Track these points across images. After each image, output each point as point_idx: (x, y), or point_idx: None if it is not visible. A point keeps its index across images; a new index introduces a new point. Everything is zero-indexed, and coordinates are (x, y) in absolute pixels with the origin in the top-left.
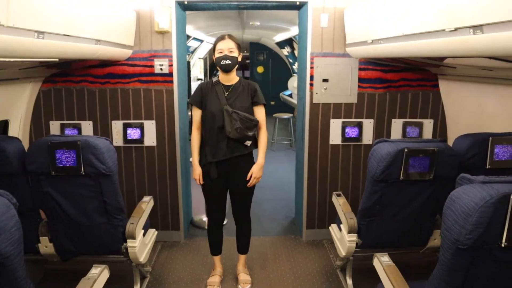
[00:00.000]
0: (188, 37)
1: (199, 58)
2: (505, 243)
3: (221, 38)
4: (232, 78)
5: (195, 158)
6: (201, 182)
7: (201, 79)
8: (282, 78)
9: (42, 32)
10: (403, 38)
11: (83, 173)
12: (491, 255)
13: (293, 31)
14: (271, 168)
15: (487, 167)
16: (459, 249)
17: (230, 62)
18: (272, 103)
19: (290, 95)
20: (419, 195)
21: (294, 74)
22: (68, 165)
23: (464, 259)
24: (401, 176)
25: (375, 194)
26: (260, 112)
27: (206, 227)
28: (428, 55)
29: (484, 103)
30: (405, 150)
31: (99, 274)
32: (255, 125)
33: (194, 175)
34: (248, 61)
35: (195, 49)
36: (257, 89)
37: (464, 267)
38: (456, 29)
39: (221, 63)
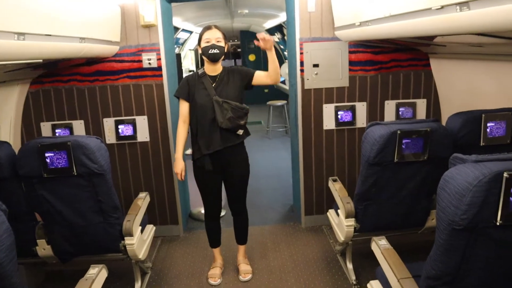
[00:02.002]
0: (177, 29)
1: (190, 50)
2: (500, 222)
3: (208, 28)
4: (218, 68)
5: (178, 152)
6: (182, 178)
7: (193, 71)
8: None
9: (23, 34)
10: (391, 18)
11: (75, 174)
12: (487, 234)
13: (283, 17)
14: (267, 157)
15: (481, 145)
16: (455, 229)
17: (218, 51)
18: (266, 90)
19: (284, 82)
20: (414, 176)
21: (286, 61)
22: (59, 166)
23: (460, 239)
24: (395, 158)
25: (370, 177)
26: (258, 72)
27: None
28: (416, 35)
29: (476, 80)
30: (398, 132)
31: (97, 274)
32: (245, 113)
33: (176, 169)
34: (239, 50)
35: (185, 40)
36: (242, 70)
37: (460, 247)
38: (442, 7)
39: (209, 52)
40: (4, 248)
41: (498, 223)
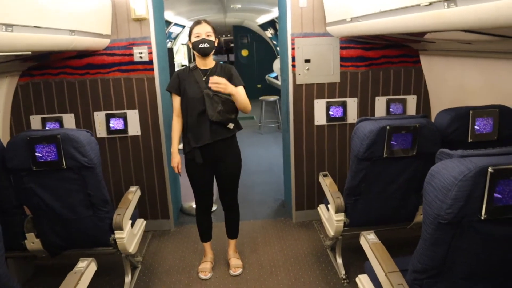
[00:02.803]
0: (169, 23)
1: (183, 44)
2: (485, 216)
3: (198, 22)
4: (209, 63)
5: (174, 146)
6: (180, 171)
7: (185, 65)
8: (267, 61)
9: (11, 25)
10: (381, 14)
11: (65, 167)
12: (472, 228)
13: (275, 13)
14: (259, 152)
15: (468, 141)
16: (440, 223)
17: (208, 45)
18: (259, 86)
19: (276, 77)
20: (403, 172)
21: (278, 56)
22: (49, 159)
23: (445, 233)
24: (384, 154)
25: (359, 172)
26: (241, 90)
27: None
28: (406, 31)
29: (465, 76)
30: (387, 127)
31: (86, 268)
32: (236, 107)
33: (173, 163)
34: (232, 45)
35: (178, 35)
36: (233, 72)
37: (446, 241)
38: (430, 3)
39: (199, 46)
40: None
41: (482, 218)
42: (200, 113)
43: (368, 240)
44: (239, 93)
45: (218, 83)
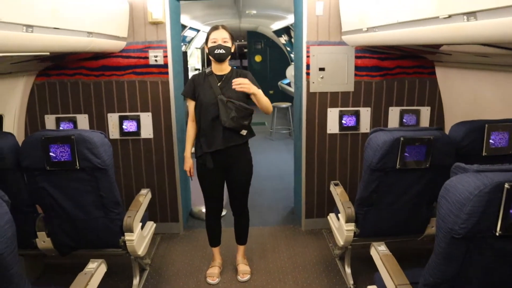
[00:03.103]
0: (185, 27)
1: (197, 48)
2: (500, 232)
3: (215, 28)
4: (224, 68)
5: (187, 150)
6: (192, 175)
7: (199, 69)
8: (280, 67)
9: (31, 26)
10: (398, 25)
11: (78, 168)
12: (486, 244)
13: (290, 19)
14: (270, 158)
15: (483, 154)
16: (454, 238)
17: (224, 51)
18: (271, 92)
19: (289, 84)
20: (416, 184)
21: (292, 63)
22: (62, 159)
23: (459, 248)
24: (397, 165)
25: (372, 183)
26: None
27: (205, 218)
28: (423, 43)
29: (480, 89)
30: (401, 139)
31: (96, 269)
32: (250, 113)
33: (185, 167)
34: (246, 50)
35: (192, 39)
36: (249, 78)
37: (459, 256)
38: (450, 16)
39: (215, 52)
40: (5, 239)
41: (497, 234)
42: (214, 119)
43: (379, 251)
44: (261, 94)
45: (242, 84)
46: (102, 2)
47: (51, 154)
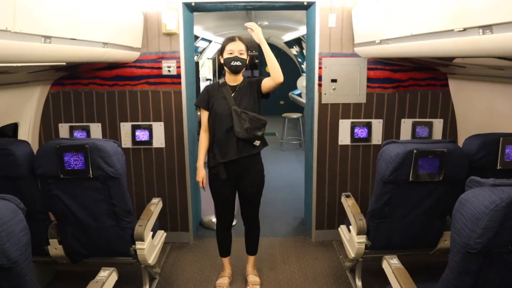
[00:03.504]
0: (197, 37)
1: (208, 58)
2: None
3: (232, 39)
4: (238, 79)
5: (200, 161)
6: (204, 186)
7: (210, 79)
8: (291, 78)
9: (49, 37)
10: (412, 38)
11: (91, 176)
12: (502, 259)
13: (302, 31)
14: (280, 168)
15: (498, 168)
16: (469, 253)
17: (240, 63)
18: (281, 102)
19: (299, 95)
20: (428, 197)
21: (303, 74)
22: (76, 168)
23: (473, 263)
24: (410, 178)
25: (384, 195)
26: (266, 78)
27: (215, 228)
28: (437, 55)
29: (494, 102)
30: (414, 151)
31: (107, 277)
32: (263, 124)
33: (198, 177)
34: (257, 61)
35: (204, 49)
36: (255, 79)
37: (473, 271)
38: (465, 29)
39: (231, 64)
40: (20, 246)
41: None
42: (228, 129)
43: (391, 265)
44: (267, 47)
45: (253, 27)
46: (117, 13)
47: (65, 162)
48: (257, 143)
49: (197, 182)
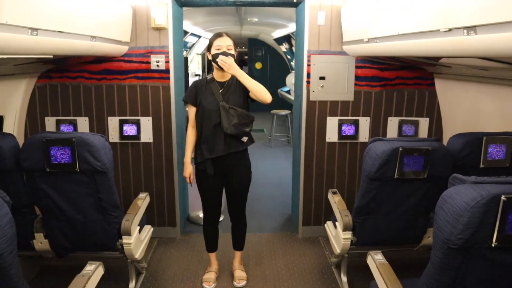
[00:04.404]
0: (186, 32)
1: (197, 54)
2: (496, 243)
3: (219, 35)
4: (226, 75)
5: (187, 156)
6: (191, 182)
7: (199, 75)
8: (280, 75)
9: (36, 29)
10: (399, 37)
11: (78, 170)
12: (482, 254)
13: (291, 28)
14: (268, 165)
15: (480, 166)
16: (450, 248)
17: None
18: None
19: (288, 92)
20: (413, 194)
21: (292, 71)
22: (63, 162)
23: (455, 258)
24: (395, 175)
25: (370, 192)
26: None
27: (202, 223)
28: (423, 55)
29: (479, 102)
30: (400, 149)
31: (93, 271)
32: (251, 121)
33: (185, 173)
34: (246, 57)
35: (193, 44)
36: None
37: (455, 266)
38: (450, 30)
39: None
40: (6, 239)
41: (493, 245)
42: (216, 125)
43: (376, 260)
44: (245, 76)
45: (224, 61)
46: (106, 6)
47: (51, 156)
48: (245, 139)
49: (184, 177)
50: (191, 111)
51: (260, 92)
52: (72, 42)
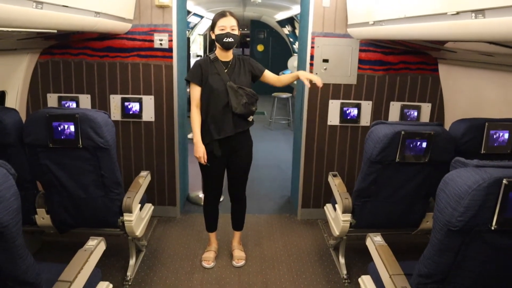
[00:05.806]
0: (188, 12)
1: (199, 35)
2: (495, 226)
3: (223, 15)
4: (229, 55)
5: (197, 136)
6: (206, 162)
7: (201, 56)
8: (282, 57)
9: (41, 2)
10: (405, 20)
11: (80, 146)
12: (481, 237)
13: (295, 10)
14: (268, 148)
15: (482, 152)
16: (450, 230)
17: (232, 40)
18: None
19: None
20: (413, 178)
21: (294, 54)
22: (65, 137)
23: (454, 240)
24: (397, 158)
25: (370, 175)
26: (268, 72)
27: (202, 203)
28: (429, 38)
29: (482, 88)
30: (402, 132)
31: (95, 246)
32: (256, 99)
33: (198, 153)
34: (248, 39)
35: (195, 25)
36: (252, 63)
37: (454, 248)
38: (458, 13)
39: (224, 40)
40: (11, 211)
41: (493, 228)
42: (224, 106)
43: (375, 242)
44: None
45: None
46: None
47: (54, 131)
48: (251, 118)
49: (197, 158)
50: (195, 90)
51: (286, 84)
52: (76, 17)
